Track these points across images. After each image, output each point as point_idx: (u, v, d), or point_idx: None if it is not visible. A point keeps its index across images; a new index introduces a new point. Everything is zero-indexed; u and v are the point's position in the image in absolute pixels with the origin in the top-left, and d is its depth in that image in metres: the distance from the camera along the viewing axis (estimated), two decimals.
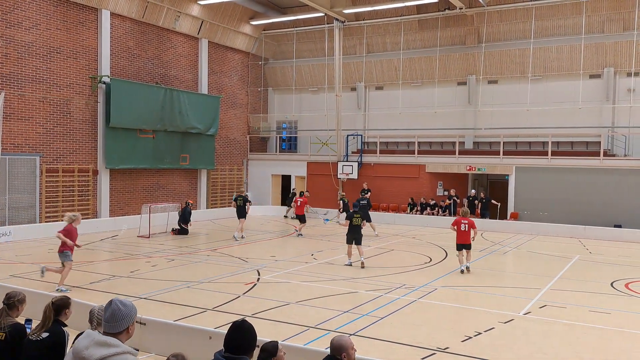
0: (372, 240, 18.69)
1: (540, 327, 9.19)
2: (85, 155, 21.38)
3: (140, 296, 10.50)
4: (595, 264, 15.56)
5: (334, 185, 27.27)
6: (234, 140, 29.41)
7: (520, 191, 23.50)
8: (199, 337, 7.01)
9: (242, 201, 19.39)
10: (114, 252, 16.23)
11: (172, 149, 24.57)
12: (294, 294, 11.10)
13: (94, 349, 3.19)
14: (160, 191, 24.50)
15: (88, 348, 3.20)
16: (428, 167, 25.60)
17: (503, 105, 25.57)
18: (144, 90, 22.97)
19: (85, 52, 21.20)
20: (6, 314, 5.05)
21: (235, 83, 29.32)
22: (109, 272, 13.15)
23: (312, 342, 7.96)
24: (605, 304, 10.79)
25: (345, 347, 4.17)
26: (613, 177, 21.79)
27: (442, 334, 8.65)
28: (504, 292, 11.88)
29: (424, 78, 27.52)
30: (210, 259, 15.15)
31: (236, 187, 29.41)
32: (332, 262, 14.89)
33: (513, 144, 25.54)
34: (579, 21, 23.62)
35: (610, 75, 23.74)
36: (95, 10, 21.45)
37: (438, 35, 26.40)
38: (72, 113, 20.85)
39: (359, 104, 29.39)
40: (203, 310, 9.76)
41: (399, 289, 11.68)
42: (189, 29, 25.66)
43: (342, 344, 4.19)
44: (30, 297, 5.46)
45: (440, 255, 16.40)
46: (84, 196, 21.20)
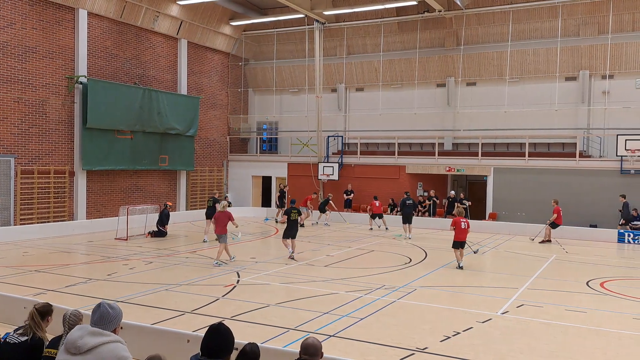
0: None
1: (518, 326, 9.30)
2: (61, 156, 21.02)
3: (117, 299, 10.35)
4: (572, 264, 15.80)
5: (314, 186, 27.27)
6: (214, 141, 29.23)
7: (498, 192, 23.82)
8: (177, 340, 6.93)
9: (212, 202, 19.30)
10: (90, 255, 15.98)
11: (151, 150, 24.30)
12: (274, 296, 11.06)
13: (88, 338, 3.38)
14: (138, 193, 24.22)
15: (82, 337, 3.39)
16: (408, 168, 25.77)
17: (481, 107, 25.87)
18: (121, 91, 22.68)
19: (62, 51, 20.86)
20: None
21: (215, 84, 29.14)
22: (86, 275, 12.94)
23: (292, 344, 7.92)
24: (581, 303, 10.95)
25: (317, 348, 4.15)
26: (588, 178, 22.19)
27: (421, 334, 8.69)
28: (482, 292, 11.99)
29: (404, 80, 27.70)
30: (189, 261, 15.02)
31: (216, 188, 29.20)
32: (312, 264, 14.87)
33: (491, 145, 25.84)
34: (555, 25, 24.03)
35: (586, 78, 24.18)
36: (72, 10, 21.13)
37: (417, 37, 26.60)
38: (48, 114, 20.49)
39: (340, 105, 29.45)
40: (181, 313, 9.66)
41: (378, 289, 11.72)
42: (168, 29, 25.44)
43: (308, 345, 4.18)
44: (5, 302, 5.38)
45: (420, 255, 16.50)
46: (60, 198, 20.86)
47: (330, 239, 19.91)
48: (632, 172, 21.44)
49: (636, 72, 23.38)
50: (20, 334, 4.72)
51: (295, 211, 15.49)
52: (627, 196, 21.09)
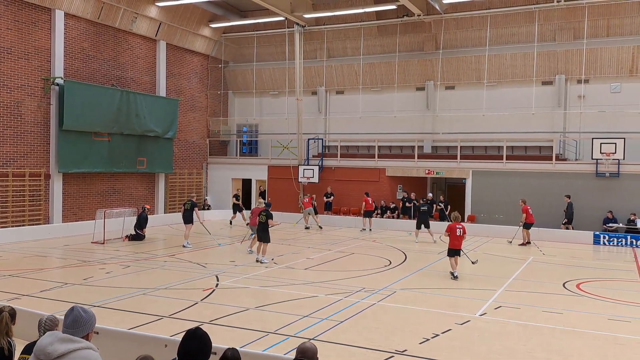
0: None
1: (496, 327, 9.39)
2: (37, 159, 20.64)
3: (94, 304, 10.19)
4: (549, 265, 16.01)
5: (295, 189, 27.23)
6: (193, 143, 29.01)
7: (477, 194, 24.06)
8: (155, 345, 6.82)
9: (189, 205, 18.41)
10: (66, 259, 15.71)
11: (129, 152, 23.99)
12: (254, 300, 11.00)
13: (58, 345, 3.30)
14: (115, 196, 23.88)
15: (52, 344, 3.32)
16: (388, 171, 25.89)
17: (460, 111, 26.11)
18: (99, 93, 22.36)
19: (38, 52, 20.52)
20: None
21: (194, 86, 28.94)
22: (61, 280, 12.73)
23: (272, 348, 7.90)
24: (558, 305, 11.09)
25: (310, 352, 4.12)
26: (565, 181, 22.51)
27: (400, 337, 8.72)
28: (461, 294, 12.09)
29: (384, 83, 27.84)
30: (167, 265, 14.86)
31: (195, 191, 28.98)
32: (292, 267, 14.84)
33: (470, 149, 26.11)
34: (531, 30, 24.38)
35: (562, 82, 24.57)
36: (48, 11, 20.80)
37: (397, 41, 26.78)
38: (23, 115, 20.10)
39: (320, 108, 29.47)
40: (159, 317, 9.55)
41: (358, 292, 11.73)
42: (147, 31, 25.19)
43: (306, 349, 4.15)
44: None
45: (399, 258, 16.58)
46: (35, 201, 20.48)
47: (310, 242, 19.89)
48: (607, 175, 21.82)
49: (611, 77, 23.80)
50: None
51: (264, 213, 15.22)
52: (603, 198, 21.55)
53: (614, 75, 23.71)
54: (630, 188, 21.54)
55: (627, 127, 22.87)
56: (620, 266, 16.27)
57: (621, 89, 23.73)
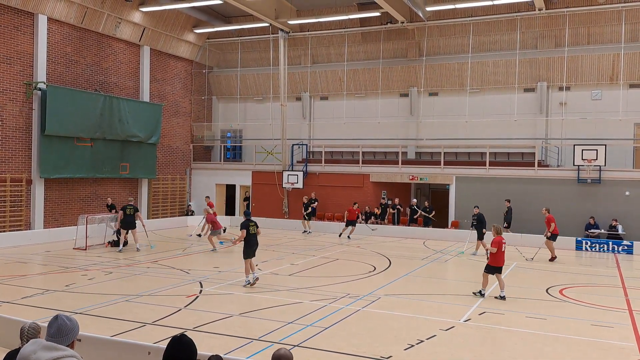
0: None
1: (480, 333, 9.45)
2: (18, 164, 20.38)
3: (75, 311, 10.05)
4: (532, 271, 16.13)
5: (279, 195, 27.19)
6: (177, 149, 28.84)
7: (460, 200, 24.20)
8: (137, 352, 6.76)
9: (132, 210, 18.32)
10: (47, 265, 15.50)
11: (111, 157, 23.81)
12: (238, 306, 10.94)
13: (42, 353, 3.25)
14: (98, 201, 23.63)
15: (36, 352, 3.26)
16: (372, 177, 25.98)
17: (443, 117, 26.33)
18: (82, 98, 22.17)
19: (20, 57, 20.31)
20: None
21: (178, 91, 28.81)
22: (43, 286, 12.55)
23: (256, 355, 7.86)
24: (541, 310, 11.16)
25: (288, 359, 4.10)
26: (547, 187, 22.77)
27: (385, 343, 8.72)
28: (445, 300, 12.13)
29: (368, 89, 27.98)
30: (150, 271, 14.72)
31: (179, 196, 28.79)
32: (276, 273, 14.79)
33: (453, 155, 26.32)
34: (513, 37, 24.70)
35: (544, 89, 24.88)
36: (31, 15, 20.61)
37: (381, 47, 26.96)
38: (4, 120, 19.86)
39: (304, 113, 29.51)
40: (142, 324, 9.45)
41: (343, 298, 11.73)
42: (130, 36, 25.04)
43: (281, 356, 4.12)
44: None
45: (384, 264, 16.61)
46: (16, 207, 20.21)
47: (294, 248, 19.86)
48: (588, 181, 22.10)
49: (592, 84, 24.16)
50: None
51: (253, 223, 12.94)
52: (585, 204, 21.77)
53: (595, 82, 24.08)
54: (612, 194, 21.83)
55: (608, 134, 23.21)
56: (603, 272, 16.44)
57: (602, 96, 24.10)
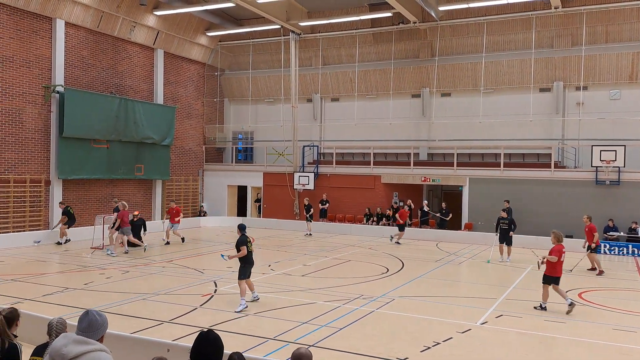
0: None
1: (497, 336, 9.35)
2: (37, 165, 20.72)
3: (95, 309, 10.17)
4: None
5: (290, 196, 27.26)
6: (190, 150, 29.05)
7: (474, 202, 23.98)
8: (157, 349, 6.84)
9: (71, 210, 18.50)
10: (66, 264, 15.71)
11: (127, 159, 24.09)
12: (252, 306, 10.98)
13: (72, 347, 3.37)
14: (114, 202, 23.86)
15: (67, 346, 3.38)
16: (384, 178, 25.93)
17: (456, 118, 26.17)
18: (98, 100, 22.46)
19: (39, 61, 20.65)
20: None
21: (191, 93, 29.02)
22: (62, 285, 12.73)
23: (272, 354, 7.91)
24: (560, 314, 10.96)
25: (305, 358, 4.14)
26: (564, 189, 22.41)
27: (401, 344, 8.70)
28: (460, 302, 12.08)
29: (379, 90, 27.94)
30: (165, 271, 14.86)
31: (192, 197, 28.98)
32: (289, 273, 14.85)
33: (466, 156, 26.13)
34: (528, 36, 24.45)
35: (560, 89, 24.55)
36: (49, 20, 20.93)
37: (392, 48, 26.92)
38: (24, 123, 20.22)
39: (315, 115, 29.57)
40: (159, 322, 9.56)
41: (357, 299, 11.74)
42: (145, 39, 25.29)
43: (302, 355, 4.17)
44: None
45: (397, 265, 16.58)
46: (35, 207, 20.53)
47: (306, 249, 19.91)
48: (607, 183, 21.65)
49: (610, 84, 23.73)
50: None
51: (249, 239, 11.30)
52: (603, 207, 21.20)
53: (613, 81, 23.61)
54: (631, 196, 21.32)
55: (627, 134, 22.75)
56: (623, 275, 16.13)
57: (621, 95, 23.69)
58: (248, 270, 11.12)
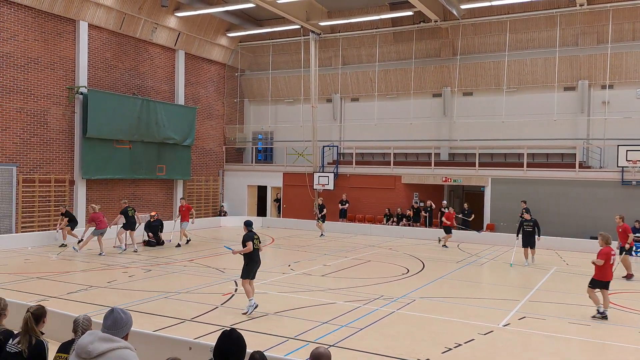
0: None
1: (521, 338, 9.21)
2: (61, 165, 21.09)
3: (118, 307, 10.29)
4: (573, 276, 15.60)
5: (310, 196, 27.27)
6: (210, 151, 29.26)
7: (496, 202, 23.70)
8: (179, 347, 6.90)
9: (133, 212, 18.37)
10: (90, 263, 15.92)
11: (149, 159, 24.38)
12: (272, 305, 11.00)
13: (98, 344, 3.44)
14: (136, 201, 24.17)
15: (92, 343, 3.45)
16: (404, 178, 25.78)
17: (478, 117, 25.88)
18: (120, 101, 22.77)
19: (63, 62, 21.00)
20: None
21: (211, 94, 29.23)
22: (86, 283, 12.91)
23: (292, 353, 7.90)
24: (585, 316, 10.76)
25: (324, 358, 4.13)
26: (589, 189, 22.01)
27: (422, 345, 8.64)
28: (482, 304, 11.94)
29: (400, 90, 27.80)
30: (187, 270, 14.98)
31: (212, 197, 29.18)
32: (309, 273, 14.84)
33: (488, 156, 25.84)
34: (553, 34, 24.09)
35: (585, 88, 24.13)
36: (73, 22, 21.27)
37: (413, 47, 26.75)
38: (49, 123, 20.59)
39: (335, 115, 29.53)
40: (181, 321, 9.63)
41: (377, 300, 11.68)
42: (166, 41, 25.55)
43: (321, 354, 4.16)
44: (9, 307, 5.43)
45: (417, 266, 16.47)
46: (60, 206, 20.85)
47: (326, 249, 19.89)
48: (633, 183, 21.21)
49: (636, 82, 23.21)
50: (19, 342, 4.71)
51: (256, 237, 10.56)
52: (630, 208, 20.69)
53: None
54: None
55: None
56: None
57: None
58: (253, 270, 10.48)
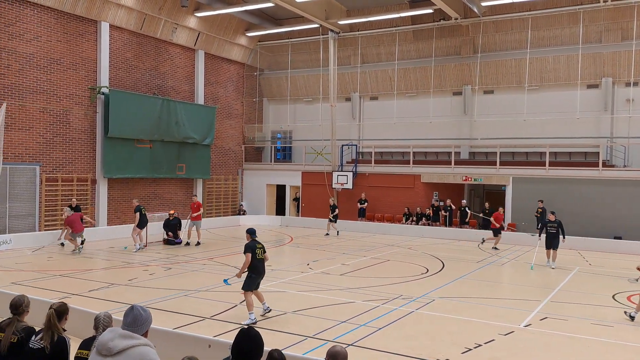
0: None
1: (542, 339, 9.10)
2: (83, 164, 21.42)
3: (139, 304, 10.40)
4: (596, 276, 15.38)
5: (328, 195, 27.24)
6: (229, 150, 29.43)
7: (517, 202, 23.39)
8: (198, 345, 6.96)
9: (145, 210, 18.43)
10: (111, 261, 16.15)
11: (169, 158, 24.63)
12: (291, 304, 11.02)
13: (118, 341, 3.49)
14: (157, 200, 24.48)
15: (113, 340, 3.50)
16: (423, 177, 25.61)
17: (499, 116, 25.60)
18: (141, 101, 23.03)
19: (85, 63, 21.31)
20: (17, 319, 5.15)
21: (230, 93, 29.40)
22: (107, 280, 13.09)
23: (310, 352, 7.90)
24: (608, 317, 10.61)
25: (341, 357, 4.10)
26: (612, 188, 21.62)
27: (441, 346, 8.57)
28: (503, 304, 11.81)
29: (419, 88, 27.62)
30: (207, 268, 15.08)
31: (231, 196, 29.36)
32: (328, 272, 14.83)
33: (510, 155, 25.55)
34: (576, 31, 23.72)
35: (609, 85, 23.70)
36: (94, 23, 21.57)
37: (433, 45, 26.55)
38: (71, 123, 20.92)
39: (354, 114, 29.46)
40: (201, 318, 9.71)
41: (396, 299, 11.62)
42: (186, 41, 25.76)
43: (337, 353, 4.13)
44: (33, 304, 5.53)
45: (437, 266, 16.34)
46: (82, 205, 21.15)
47: (344, 248, 19.86)
48: None
49: None
50: (41, 339, 4.78)
51: (260, 245, 9.84)
52: None
53: None
54: None
55: None
56: None
57: None
58: (256, 281, 9.77)
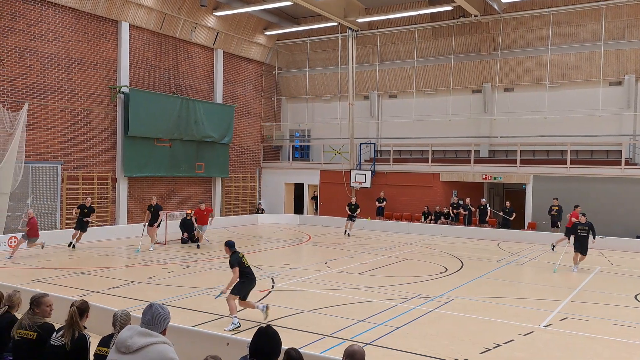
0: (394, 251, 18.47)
1: (562, 339, 8.98)
2: (104, 163, 21.69)
3: (158, 302, 10.48)
4: (618, 276, 15.16)
5: (347, 194, 27.20)
6: (248, 148, 29.55)
7: (538, 201, 23.09)
8: (217, 343, 7.00)
9: (154, 209, 18.05)
10: (131, 259, 16.33)
11: (188, 157, 24.83)
12: (309, 302, 11.03)
13: (137, 338, 3.54)
14: (176, 199, 24.70)
15: (132, 337, 3.55)
16: (442, 176, 25.43)
17: (520, 114, 25.30)
18: (161, 100, 23.25)
19: (105, 63, 21.57)
20: (32, 314, 5.24)
21: (249, 92, 29.51)
22: (127, 278, 13.25)
23: (328, 351, 7.89)
24: (630, 317, 10.46)
25: (358, 356, 4.07)
26: (635, 187, 21.29)
27: (460, 345, 8.50)
28: (522, 304, 11.68)
29: (438, 86, 27.40)
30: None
31: (249, 195, 29.48)
32: (345, 271, 14.80)
33: (530, 153, 25.23)
34: (598, 28, 23.33)
35: (632, 83, 23.29)
36: (115, 23, 21.81)
37: (452, 43, 26.32)
38: (92, 122, 21.20)
39: (372, 112, 29.36)
40: (219, 316, 9.76)
41: (414, 298, 11.56)
42: (205, 40, 25.92)
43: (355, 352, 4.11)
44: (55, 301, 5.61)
45: (456, 265, 16.21)
46: (103, 203, 21.46)
47: (362, 246, 19.81)
48: None
49: None
50: (62, 335, 4.83)
51: (242, 254, 9.72)
52: None
53: None
54: None
55: None
56: None
57: None
58: (246, 289, 9.44)
